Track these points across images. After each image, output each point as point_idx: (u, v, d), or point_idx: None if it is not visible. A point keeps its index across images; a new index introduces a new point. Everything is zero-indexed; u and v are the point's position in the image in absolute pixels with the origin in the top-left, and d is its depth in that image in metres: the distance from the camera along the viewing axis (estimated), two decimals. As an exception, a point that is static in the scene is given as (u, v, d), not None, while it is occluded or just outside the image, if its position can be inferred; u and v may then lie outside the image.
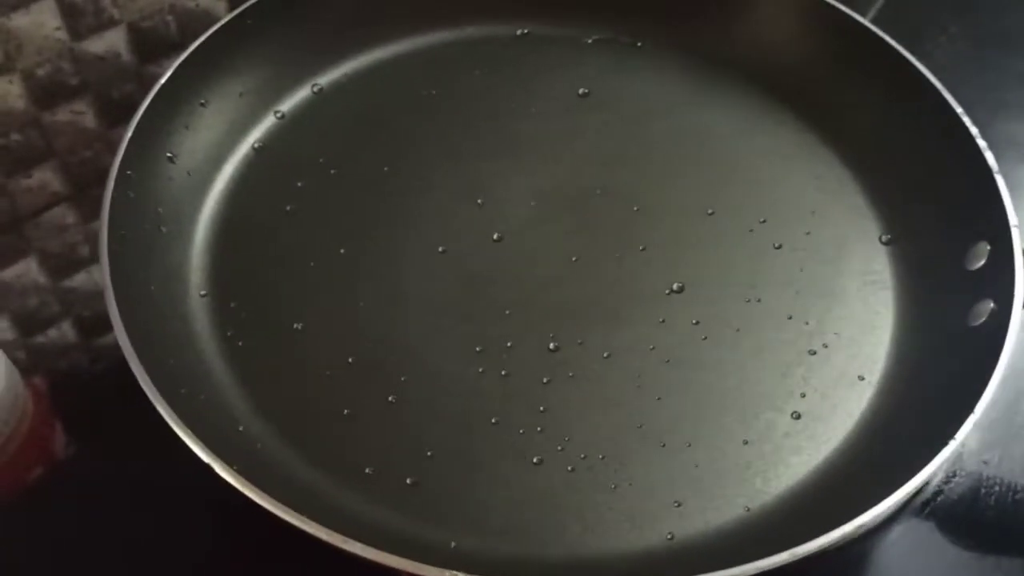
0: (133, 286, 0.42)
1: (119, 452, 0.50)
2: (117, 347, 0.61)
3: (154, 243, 0.46)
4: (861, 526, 0.36)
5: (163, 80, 0.47)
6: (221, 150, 0.51)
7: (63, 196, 0.55)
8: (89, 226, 0.57)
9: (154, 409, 0.49)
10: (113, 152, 0.56)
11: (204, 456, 0.36)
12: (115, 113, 0.54)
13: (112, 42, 0.51)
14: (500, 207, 0.50)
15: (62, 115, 0.52)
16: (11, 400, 0.46)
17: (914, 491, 0.37)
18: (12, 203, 0.54)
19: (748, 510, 0.41)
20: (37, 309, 0.57)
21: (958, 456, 0.46)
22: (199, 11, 0.54)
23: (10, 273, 0.55)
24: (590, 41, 0.58)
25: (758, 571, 0.35)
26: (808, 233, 0.50)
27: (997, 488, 0.45)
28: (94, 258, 0.58)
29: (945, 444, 0.38)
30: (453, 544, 0.39)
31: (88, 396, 0.56)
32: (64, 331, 0.59)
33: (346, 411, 0.43)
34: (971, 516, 0.45)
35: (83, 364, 0.61)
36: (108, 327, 0.60)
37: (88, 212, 0.56)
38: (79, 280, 0.58)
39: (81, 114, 0.52)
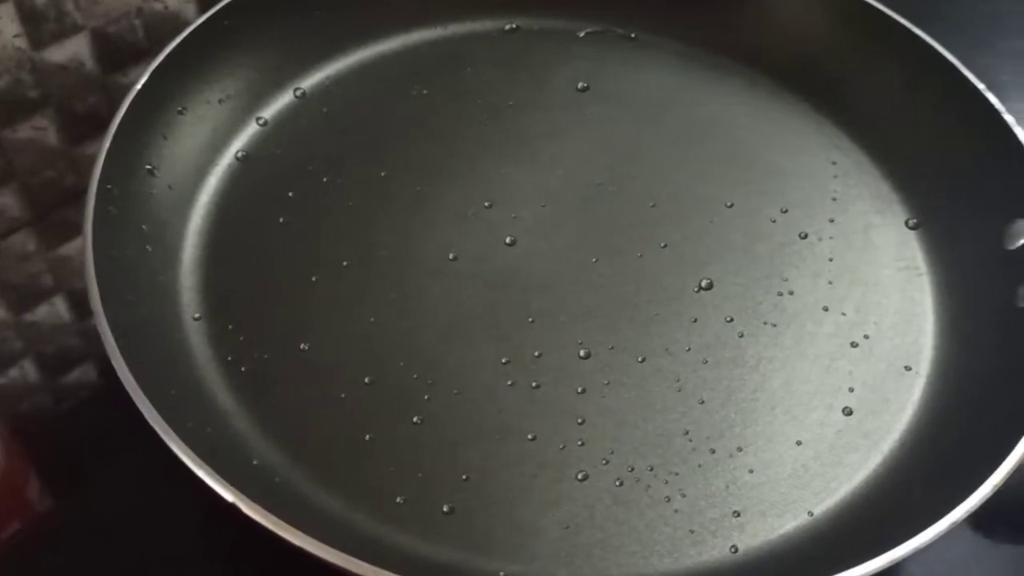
0: (124, 313, 0.37)
1: (102, 499, 0.46)
2: (82, 385, 0.57)
3: (140, 264, 0.42)
4: (940, 532, 0.33)
5: (139, 85, 0.43)
6: (203, 161, 0.47)
7: (23, 221, 0.50)
8: (52, 253, 0.52)
9: (137, 449, 0.44)
10: (77, 172, 0.51)
11: (228, 495, 0.32)
12: (79, 128, 0.49)
13: (75, 50, 0.47)
14: (510, 209, 0.47)
15: (22, 132, 0.47)
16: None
17: (997, 486, 0.34)
18: (-32, 232, 0.49)
19: (812, 515, 0.38)
20: (-3, 347, 0.52)
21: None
22: (168, 14, 0.50)
23: (-32, 309, 0.50)
24: (582, 34, 0.55)
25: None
26: (832, 220, 0.48)
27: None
28: (57, 288, 0.53)
29: (1023, 434, 0.35)
30: (501, 573, 0.36)
31: (57, 439, 0.52)
32: (26, 370, 0.54)
33: (368, 436, 0.39)
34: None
35: (47, 405, 0.56)
36: (72, 364, 0.56)
37: (52, 238, 0.52)
38: (41, 313, 0.54)
39: (42, 130, 0.48)
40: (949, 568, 0.42)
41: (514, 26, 0.55)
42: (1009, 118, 0.45)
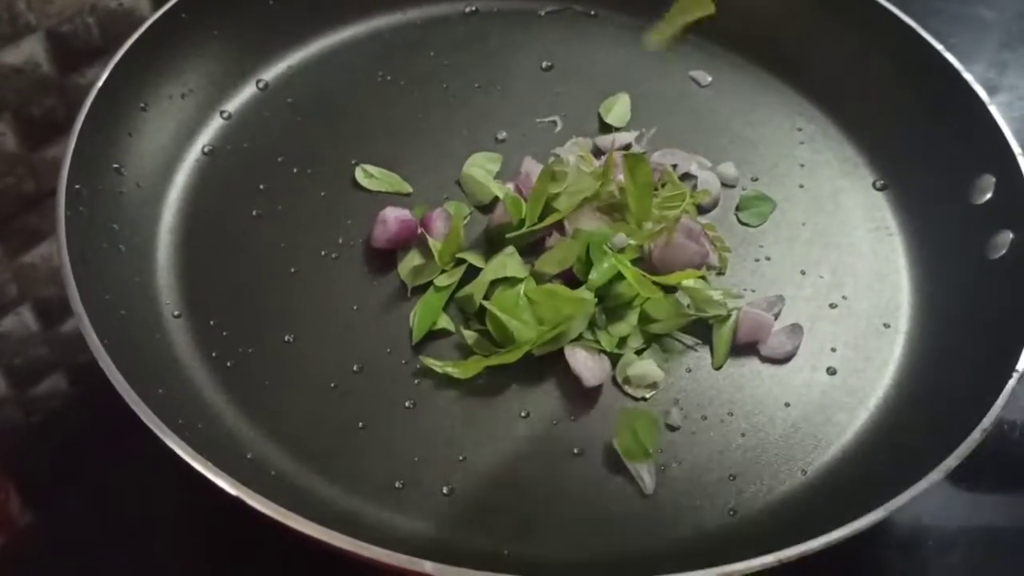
0: (104, 314, 0.37)
1: (84, 510, 0.45)
2: (52, 396, 0.56)
3: (115, 265, 0.41)
4: (936, 480, 0.34)
5: (100, 83, 0.42)
6: (170, 157, 0.46)
7: (-16, 231, 0.49)
8: (16, 262, 0.51)
9: (120, 457, 0.44)
10: (37, 177, 0.50)
11: (231, 489, 0.31)
12: (37, 132, 0.48)
13: (30, 51, 0.46)
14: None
15: (-21, 138, 0.46)
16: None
17: (985, 433, 0.35)
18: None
19: (805, 474, 0.39)
20: (-37, 361, 0.51)
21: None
22: (122, 11, 0.49)
23: (-69, 323, 0.48)
24: (543, 13, 0.55)
25: (850, 534, 0.32)
26: (802, 186, 0.49)
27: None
28: (23, 298, 0.52)
29: (1008, 377, 0.36)
30: (504, 551, 0.36)
31: (32, 452, 0.51)
32: (-6, 383, 0.53)
33: (361, 424, 0.39)
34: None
35: (17, 418, 0.55)
36: (41, 375, 0.54)
37: (14, 246, 0.50)
38: (8, 324, 0.52)
39: (0, 135, 0.46)
40: (932, 517, 0.43)
41: (473, 8, 0.55)
42: (968, 76, 0.46)
